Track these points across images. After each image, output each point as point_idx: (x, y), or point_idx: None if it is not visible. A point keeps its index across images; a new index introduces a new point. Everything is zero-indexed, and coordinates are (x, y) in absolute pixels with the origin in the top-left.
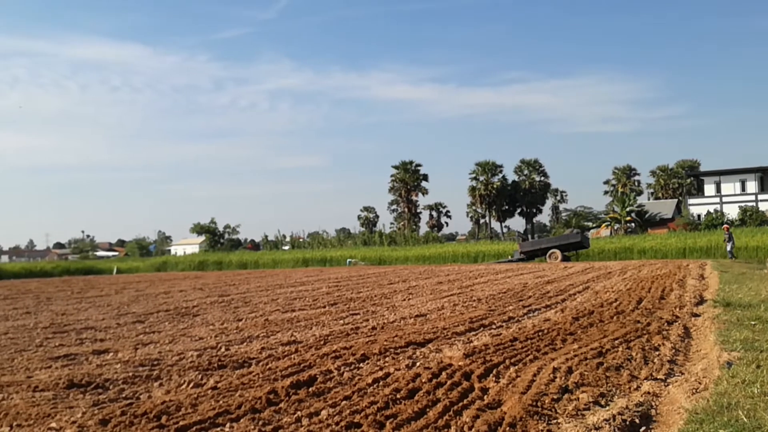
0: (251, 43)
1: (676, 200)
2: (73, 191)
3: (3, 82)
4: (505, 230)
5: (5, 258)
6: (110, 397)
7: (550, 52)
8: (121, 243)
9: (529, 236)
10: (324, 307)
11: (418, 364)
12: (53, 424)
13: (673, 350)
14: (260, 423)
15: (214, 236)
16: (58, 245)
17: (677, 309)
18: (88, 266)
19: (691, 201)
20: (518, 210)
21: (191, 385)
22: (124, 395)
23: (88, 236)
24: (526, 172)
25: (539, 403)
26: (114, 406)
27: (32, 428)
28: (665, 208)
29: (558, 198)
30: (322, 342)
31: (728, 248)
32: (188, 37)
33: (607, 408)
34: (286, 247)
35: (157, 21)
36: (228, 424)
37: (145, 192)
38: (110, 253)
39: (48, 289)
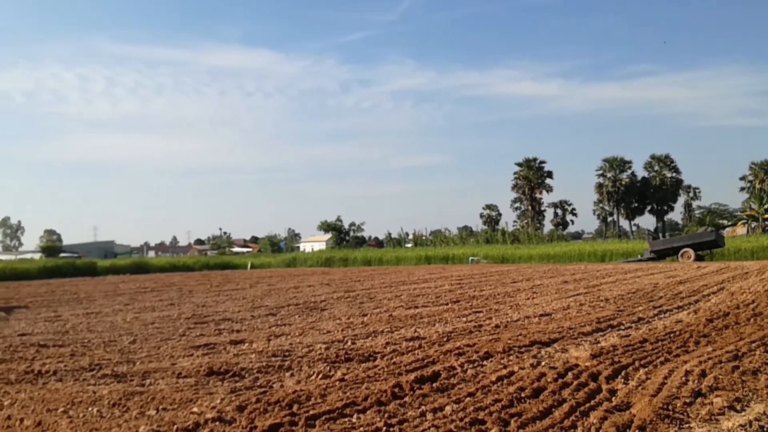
0: (375, 45)
1: None
2: (212, 191)
3: (150, 90)
4: (634, 228)
5: (152, 253)
6: (246, 384)
7: (682, 43)
8: (255, 240)
9: (660, 234)
10: (446, 304)
11: (543, 363)
12: (195, 409)
13: None
14: (386, 416)
15: (340, 234)
16: (199, 242)
17: None
18: (225, 261)
19: None
20: (648, 207)
21: (320, 376)
22: (258, 384)
23: (225, 233)
24: (656, 168)
25: (670, 407)
26: (249, 393)
27: (176, 412)
28: None
29: (691, 195)
30: (445, 338)
31: None
32: (316, 42)
33: (743, 413)
34: (409, 245)
35: (287, 28)
36: (355, 416)
37: (277, 191)
38: (245, 249)
39: (189, 283)
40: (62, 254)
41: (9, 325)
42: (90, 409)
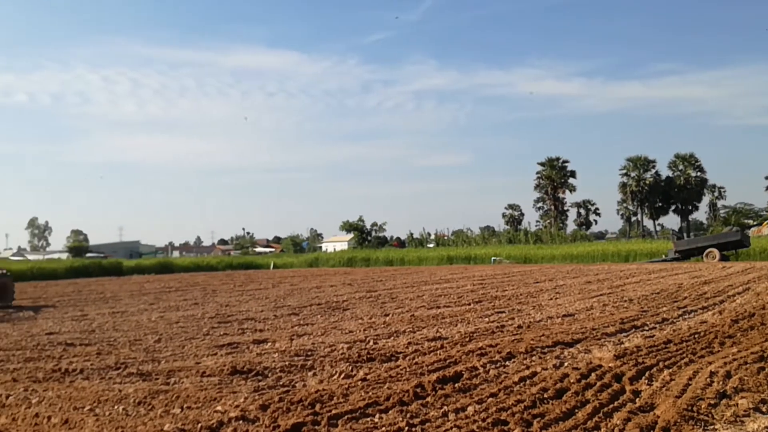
0: (397, 45)
1: None
2: (235, 192)
3: (173, 91)
4: (658, 228)
5: (176, 253)
6: (269, 384)
7: (705, 42)
8: (277, 240)
9: (685, 234)
10: (469, 304)
11: (566, 364)
12: (219, 408)
13: None
14: (408, 415)
15: (362, 234)
16: (222, 242)
17: None
18: (248, 261)
19: None
20: (672, 207)
21: (342, 376)
22: (281, 383)
23: (248, 233)
24: (680, 167)
25: (695, 408)
26: (272, 392)
27: (200, 410)
28: None
29: (716, 194)
30: (467, 339)
31: None
32: (338, 42)
33: None
34: (431, 245)
35: (310, 29)
36: (377, 415)
37: (299, 191)
38: (267, 249)
39: (213, 282)
40: (89, 254)
41: (37, 324)
42: (116, 407)
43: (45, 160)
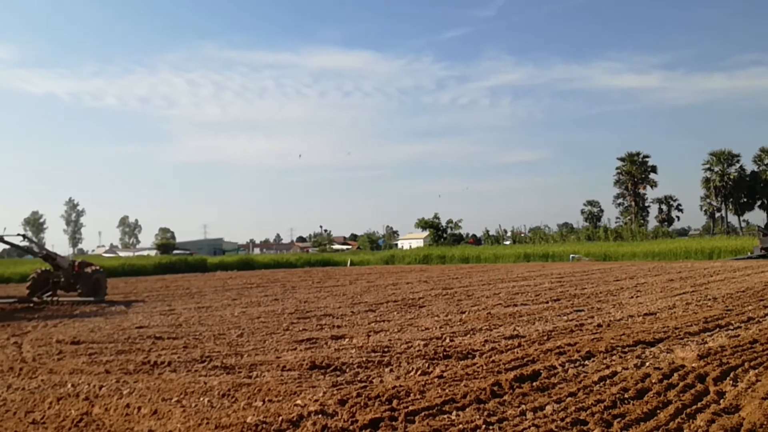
0: (473, 42)
1: None
2: (313, 190)
3: (254, 93)
4: (743, 224)
5: (257, 250)
6: (347, 379)
7: None
8: (354, 237)
9: None
10: (546, 302)
11: (647, 363)
12: (298, 401)
13: None
14: (485, 413)
15: (437, 231)
16: (300, 239)
17: None
18: (326, 258)
19: None
20: (758, 203)
21: (419, 372)
22: (358, 378)
23: (325, 231)
24: (766, 161)
25: None
26: (350, 387)
27: (281, 404)
28: None
29: None
30: (545, 337)
31: None
32: (413, 40)
33: None
34: (507, 242)
35: (385, 28)
36: (454, 412)
37: (375, 189)
38: (344, 247)
39: (292, 279)
40: (175, 251)
41: (128, 318)
42: (201, 399)
43: (134, 161)
